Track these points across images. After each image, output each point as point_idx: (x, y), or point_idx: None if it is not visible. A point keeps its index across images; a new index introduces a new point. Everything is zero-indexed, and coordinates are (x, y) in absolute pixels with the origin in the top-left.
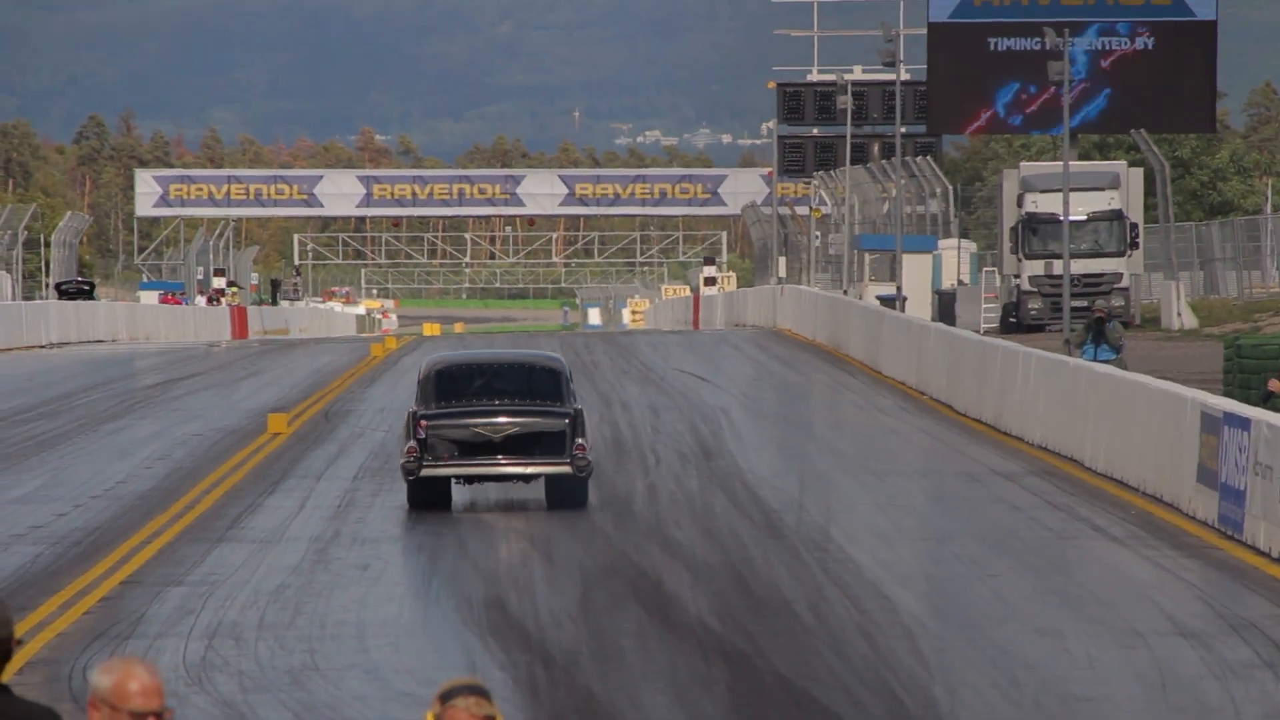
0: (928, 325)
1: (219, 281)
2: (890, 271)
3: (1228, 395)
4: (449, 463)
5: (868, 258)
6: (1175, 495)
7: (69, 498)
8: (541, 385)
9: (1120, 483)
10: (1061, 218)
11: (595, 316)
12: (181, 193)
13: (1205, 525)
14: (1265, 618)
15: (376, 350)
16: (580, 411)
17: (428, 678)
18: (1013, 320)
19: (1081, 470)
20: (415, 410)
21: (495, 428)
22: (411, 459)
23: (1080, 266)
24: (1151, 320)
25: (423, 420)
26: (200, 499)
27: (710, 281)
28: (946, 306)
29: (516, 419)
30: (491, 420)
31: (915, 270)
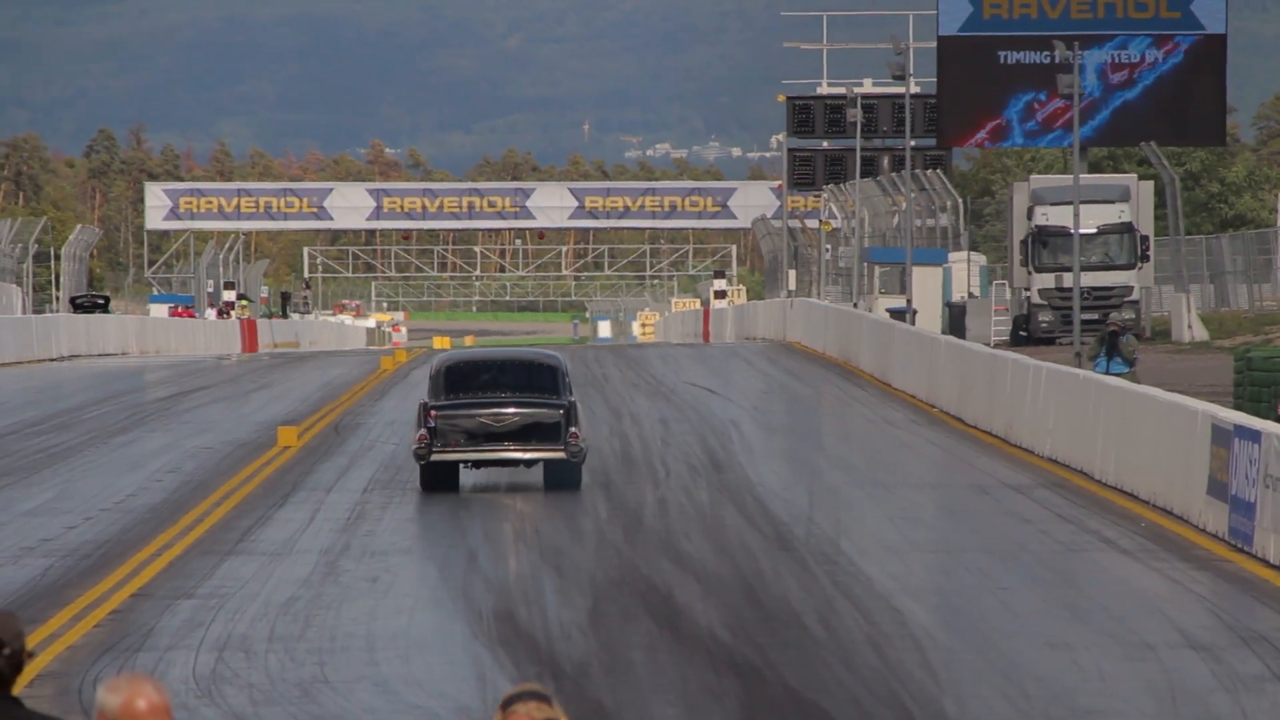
0: (938, 338)
1: (229, 295)
2: (900, 284)
3: (1238, 408)
4: (457, 449)
5: (878, 271)
6: (1185, 508)
7: (79, 510)
8: (540, 380)
9: (1130, 495)
10: (1072, 231)
11: (605, 329)
12: (191, 206)
13: (1215, 538)
14: (1276, 630)
15: (386, 363)
16: (575, 404)
17: (437, 690)
18: (1023, 333)
19: (1091, 483)
20: (426, 402)
21: (498, 418)
22: (422, 445)
23: (1090, 279)
24: (1162, 333)
25: (433, 410)
26: (210, 512)
27: (720, 294)
28: (957, 319)
29: (517, 410)
30: (495, 411)
31: (925, 283)
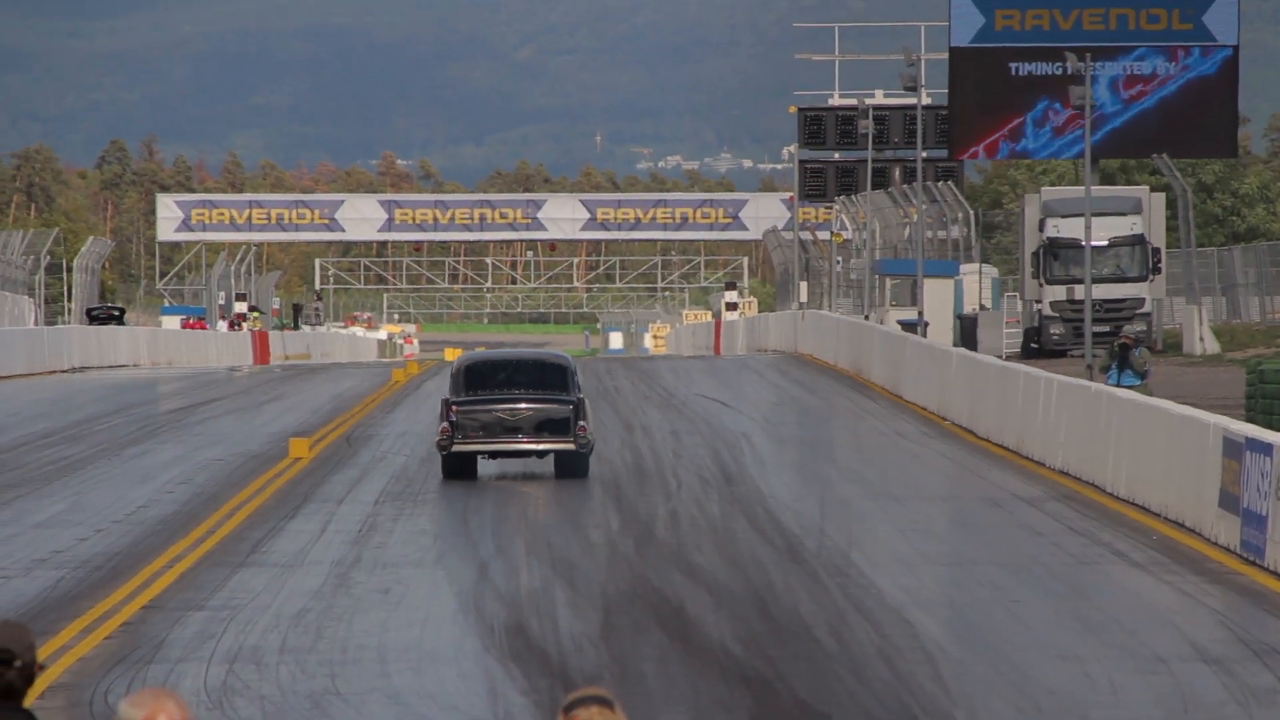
0: (949, 350)
1: (240, 306)
2: (911, 296)
3: (1250, 420)
4: (476, 440)
5: (889, 282)
6: (1197, 520)
7: (91, 522)
8: (551, 378)
9: (1142, 508)
10: (1083, 243)
11: (617, 341)
12: (203, 217)
13: (1227, 551)
14: None
15: (398, 375)
16: (583, 400)
17: (449, 703)
18: (1034, 345)
19: (1103, 495)
20: (448, 398)
21: (513, 412)
22: (444, 437)
23: (1102, 291)
24: (1173, 345)
25: (454, 406)
26: (222, 523)
27: (731, 306)
28: (968, 331)
29: (530, 405)
30: (510, 406)
31: (937, 295)
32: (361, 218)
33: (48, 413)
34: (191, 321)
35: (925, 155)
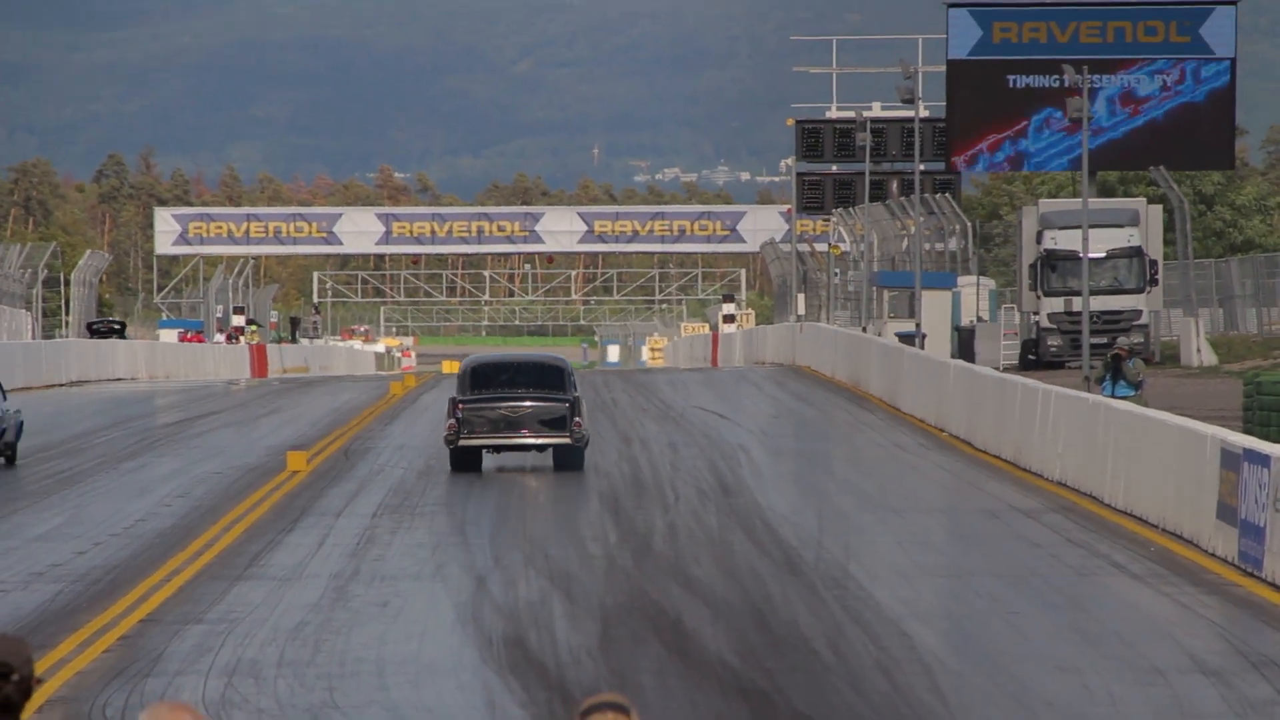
0: (947, 362)
1: (238, 319)
2: (909, 308)
3: (1248, 432)
4: (480, 435)
5: (886, 295)
6: (1195, 532)
7: (89, 535)
8: (549, 379)
9: (1140, 519)
10: (1081, 254)
11: (614, 354)
12: (201, 231)
13: (1225, 562)
14: None
15: (396, 388)
16: (579, 399)
17: (447, 715)
18: (1032, 357)
19: (1101, 507)
20: (455, 397)
21: (515, 409)
22: (452, 432)
23: (1099, 303)
24: (1171, 357)
25: (460, 404)
26: (220, 536)
27: (729, 319)
28: (966, 343)
29: (531, 403)
30: (513, 404)
31: (934, 307)
32: (359, 231)
33: (46, 426)
34: (189, 335)
35: (923, 168)
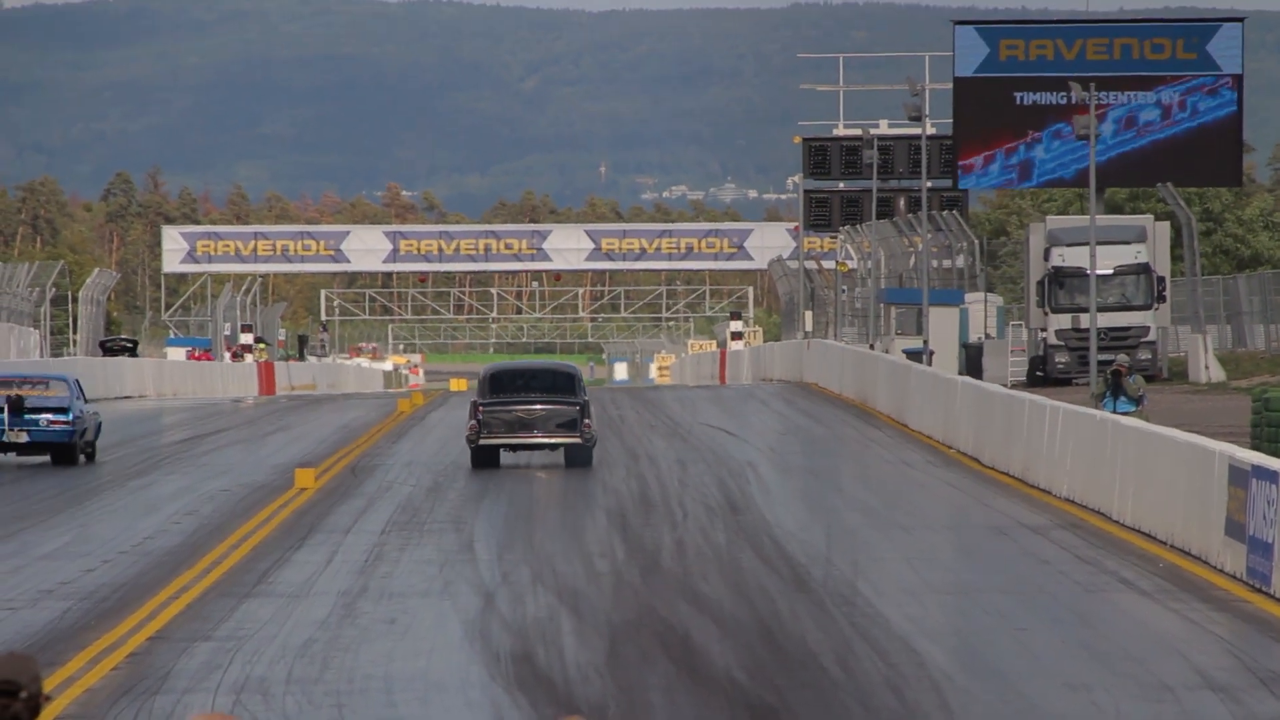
0: (955, 379)
1: (246, 337)
2: (917, 325)
3: (1256, 448)
4: (498, 435)
5: (894, 311)
6: (1203, 548)
7: (97, 553)
8: (561, 384)
9: (1148, 536)
10: (1088, 271)
11: (622, 371)
12: (208, 249)
13: (1233, 578)
14: None
15: (403, 405)
16: (587, 402)
17: None
18: (1040, 374)
19: (1109, 523)
20: (475, 400)
21: (530, 412)
22: (473, 433)
23: (1107, 320)
24: (1179, 373)
25: (480, 406)
26: (228, 554)
27: (737, 336)
28: (973, 360)
29: (544, 406)
30: (528, 407)
31: (942, 324)
32: (366, 249)
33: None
34: (197, 353)
35: (930, 185)
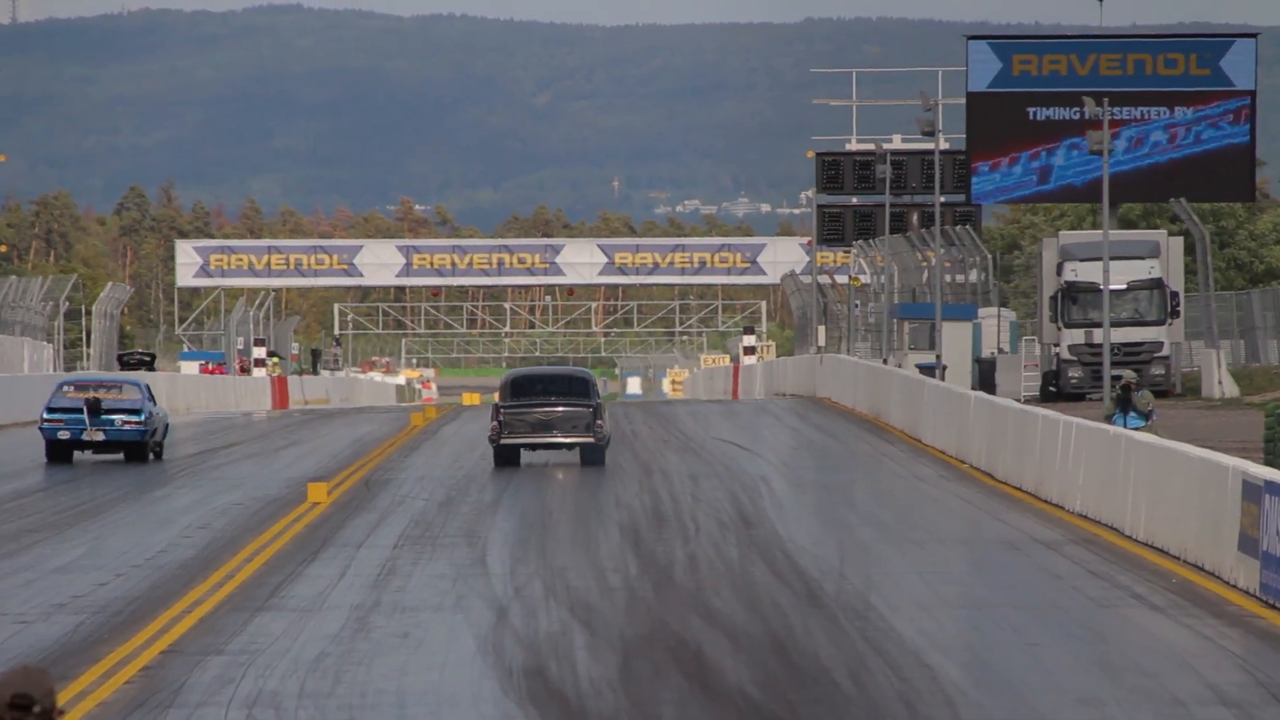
0: (968, 394)
1: (259, 351)
2: (930, 340)
3: (1269, 464)
4: (519, 435)
5: (907, 326)
6: (1216, 564)
7: (110, 567)
8: (576, 388)
9: (1161, 551)
10: (1101, 286)
11: (635, 386)
12: (222, 263)
13: (1246, 594)
14: None
15: (416, 419)
16: (601, 405)
17: None
18: (1053, 389)
19: (1122, 538)
20: (497, 404)
21: (548, 413)
22: (495, 433)
23: (1120, 335)
24: (1192, 388)
25: (502, 409)
26: (241, 568)
27: (750, 351)
28: (986, 375)
29: (561, 408)
30: (546, 409)
31: (955, 339)
32: (380, 263)
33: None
34: (210, 367)
35: (943, 200)
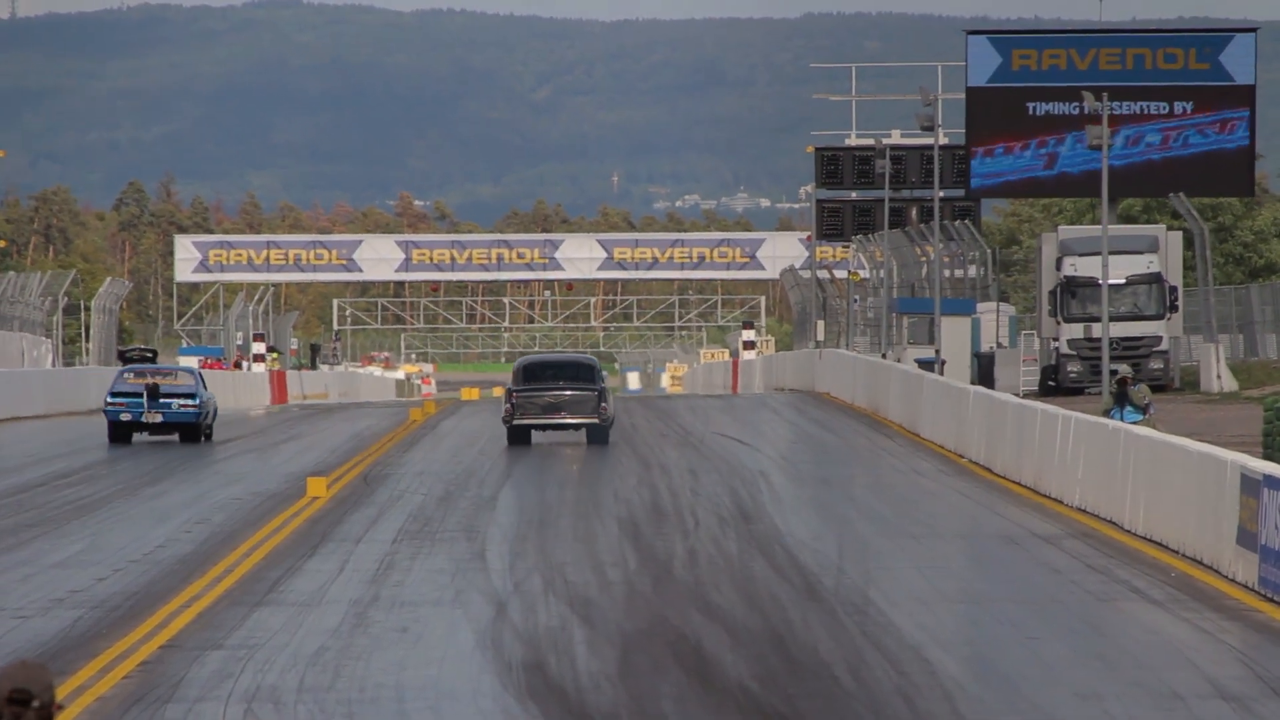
0: (966, 388)
1: (258, 346)
2: (929, 334)
3: (1268, 458)
4: (530, 416)
5: (906, 321)
6: (1215, 558)
7: (108, 562)
8: (583, 373)
9: (1160, 545)
10: (1100, 281)
11: (634, 381)
12: (221, 258)
13: (1245, 588)
14: None
15: (415, 414)
16: (605, 389)
17: None
18: (1052, 383)
19: (1120, 533)
20: (509, 387)
21: (557, 397)
22: (508, 415)
23: (1119, 329)
24: (1191, 383)
25: (514, 393)
26: (239, 563)
27: (749, 345)
28: (985, 369)
29: (569, 392)
30: (555, 393)
31: (954, 333)
32: (379, 258)
33: (65, 453)
34: (209, 362)
35: (942, 195)
